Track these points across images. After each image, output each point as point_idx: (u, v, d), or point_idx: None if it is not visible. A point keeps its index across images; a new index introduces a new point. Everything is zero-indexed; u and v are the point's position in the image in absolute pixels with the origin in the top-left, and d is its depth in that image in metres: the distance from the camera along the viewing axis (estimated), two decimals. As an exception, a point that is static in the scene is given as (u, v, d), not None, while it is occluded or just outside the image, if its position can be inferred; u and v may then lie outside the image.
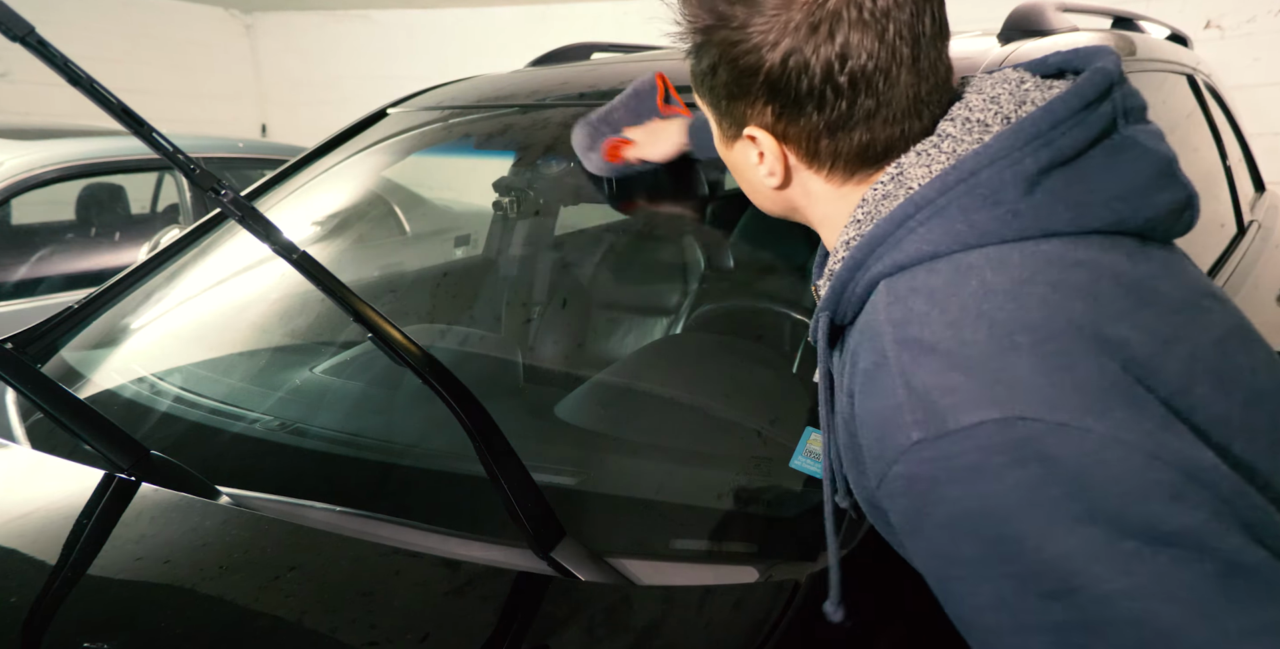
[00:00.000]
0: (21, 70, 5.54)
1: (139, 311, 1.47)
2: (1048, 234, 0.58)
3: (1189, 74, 2.09)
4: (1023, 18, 1.45)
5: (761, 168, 0.68)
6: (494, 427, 0.83)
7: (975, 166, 0.59)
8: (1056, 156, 0.58)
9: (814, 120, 0.62)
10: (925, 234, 0.59)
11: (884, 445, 0.55)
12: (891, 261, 0.60)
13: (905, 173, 0.62)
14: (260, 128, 7.78)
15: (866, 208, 0.64)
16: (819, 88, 0.60)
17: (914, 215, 0.59)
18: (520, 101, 1.59)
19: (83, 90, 0.74)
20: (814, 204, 0.69)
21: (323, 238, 1.67)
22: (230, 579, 0.85)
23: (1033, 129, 0.59)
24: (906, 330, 0.57)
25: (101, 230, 3.18)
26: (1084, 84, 0.60)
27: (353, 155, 1.66)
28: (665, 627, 0.79)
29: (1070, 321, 0.53)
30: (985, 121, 0.62)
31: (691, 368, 1.29)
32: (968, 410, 0.51)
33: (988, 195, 0.58)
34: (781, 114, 0.63)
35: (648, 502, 0.97)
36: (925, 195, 0.59)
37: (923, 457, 0.53)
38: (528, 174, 1.63)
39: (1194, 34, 2.57)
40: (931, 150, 0.62)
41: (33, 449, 1.13)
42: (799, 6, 0.59)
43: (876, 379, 0.57)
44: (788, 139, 0.65)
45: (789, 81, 0.61)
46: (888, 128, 0.62)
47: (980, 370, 0.53)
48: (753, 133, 0.66)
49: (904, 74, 0.61)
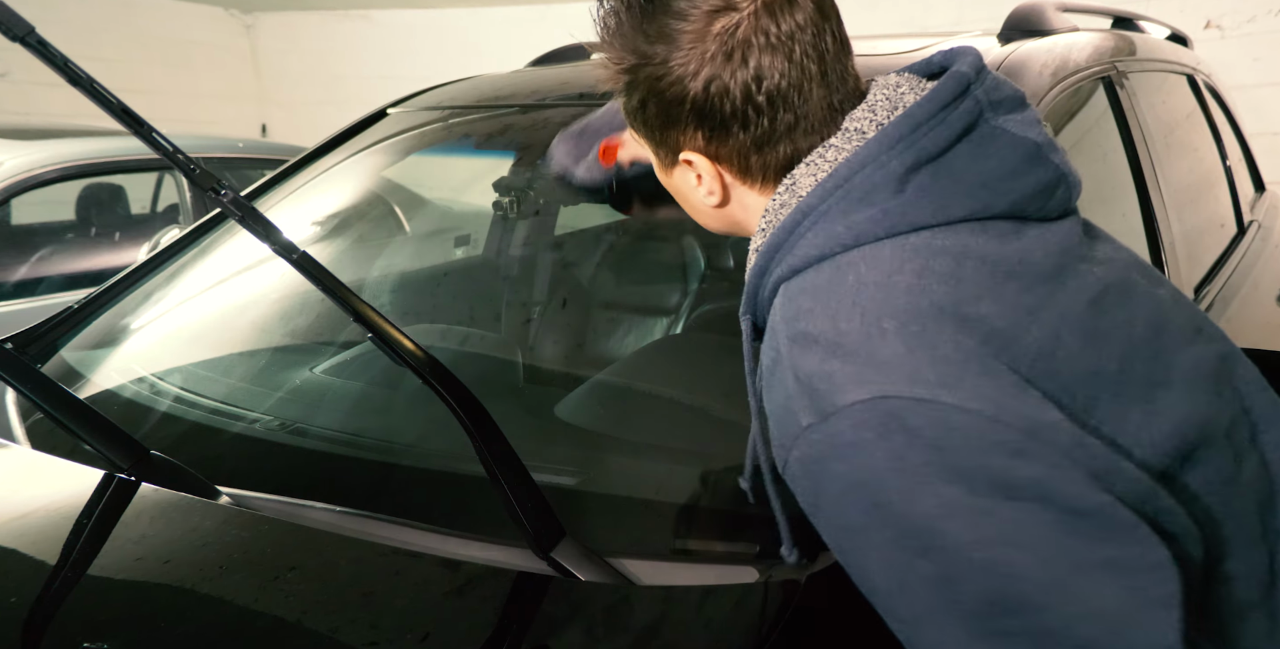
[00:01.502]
0: (21, 70, 5.54)
1: (139, 311, 1.47)
2: (916, 228, 0.63)
3: (1189, 74, 2.09)
4: (1023, 18, 1.45)
5: (701, 189, 0.73)
6: (494, 427, 0.83)
7: (849, 172, 0.64)
8: (921, 156, 0.64)
9: (741, 138, 0.67)
10: (812, 238, 0.65)
11: (782, 433, 0.61)
12: (787, 266, 0.66)
13: (798, 183, 0.68)
14: (260, 128, 7.78)
15: (768, 217, 0.69)
16: (741, 108, 0.65)
17: (802, 221, 0.65)
18: (520, 101, 1.59)
19: (83, 90, 0.74)
20: (751, 216, 0.73)
21: (323, 238, 1.68)
22: (230, 579, 0.85)
23: (895, 133, 0.64)
24: (795, 326, 0.62)
25: (101, 230, 3.18)
26: (940, 88, 0.66)
27: (353, 155, 1.66)
28: (665, 627, 0.79)
29: (932, 304, 0.59)
30: (862, 130, 0.67)
31: (691, 368, 1.29)
32: (843, 392, 0.57)
33: (861, 197, 0.64)
34: (711, 137, 0.68)
35: (648, 502, 0.97)
36: (809, 202, 0.65)
37: (811, 439, 0.58)
38: (528, 174, 1.63)
39: (1194, 34, 2.57)
40: (818, 160, 0.67)
41: (33, 449, 1.13)
42: (712, 38, 0.64)
43: (774, 373, 0.63)
44: (720, 159, 0.70)
45: (713, 106, 0.66)
46: (809, 138, 0.67)
47: (853, 356, 0.58)
48: (688, 157, 0.71)
49: (815, 88, 0.66)
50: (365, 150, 1.65)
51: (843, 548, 0.60)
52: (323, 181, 1.65)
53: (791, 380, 0.60)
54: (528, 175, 1.63)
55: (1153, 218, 1.50)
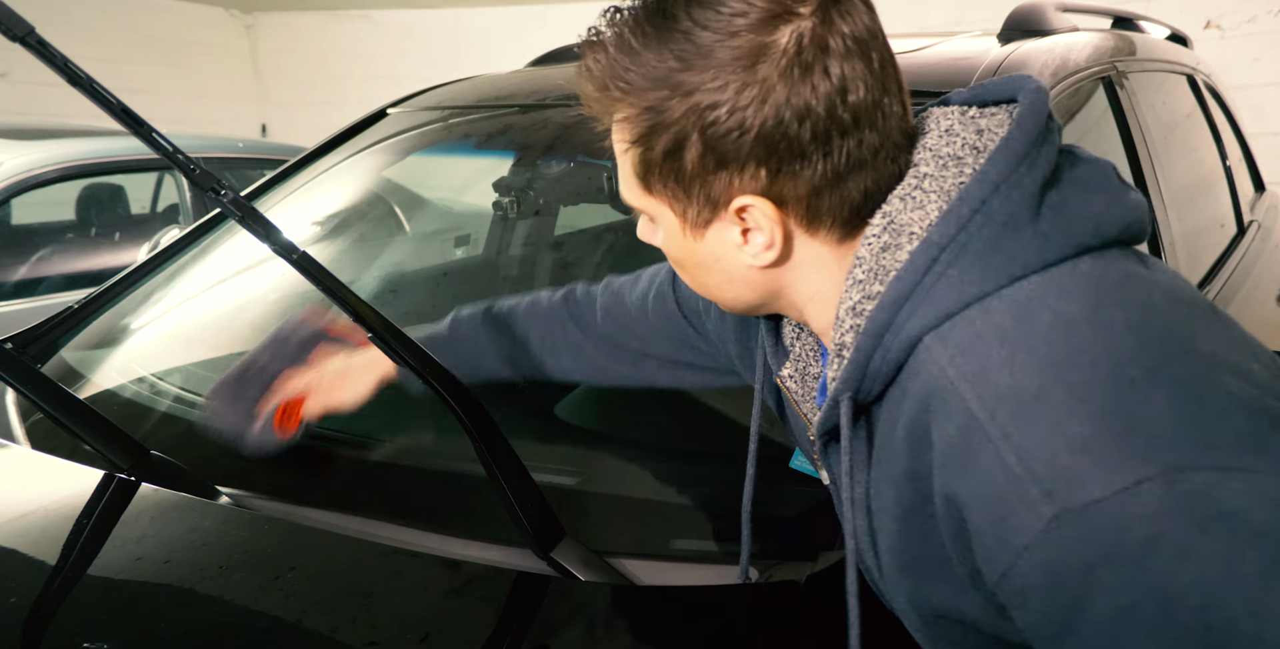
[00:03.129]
0: (21, 70, 5.54)
1: (139, 312, 1.47)
2: (1079, 251, 0.53)
3: (1189, 74, 2.09)
4: (1023, 18, 1.45)
5: (748, 247, 0.59)
6: (494, 427, 0.83)
7: (983, 195, 0.54)
8: (1046, 172, 0.55)
9: (820, 170, 0.55)
10: (961, 275, 0.53)
11: (1004, 530, 0.46)
12: (932, 312, 0.53)
13: (896, 220, 0.56)
14: (260, 128, 7.78)
15: (866, 266, 0.57)
16: (825, 130, 0.54)
17: (939, 257, 0.53)
18: (520, 101, 1.59)
19: (83, 90, 0.73)
20: (807, 277, 0.61)
21: (323, 238, 1.68)
22: (230, 579, 0.85)
23: (1020, 148, 0.55)
24: (989, 384, 0.49)
25: (101, 230, 3.18)
26: (1036, 104, 0.57)
27: (353, 155, 1.66)
28: (665, 627, 0.79)
29: (1166, 343, 0.48)
30: (956, 154, 0.57)
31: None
32: (1112, 470, 0.43)
33: (1006, 222, 0.53)
34: (779, 172, 0.55)
35: (648, 502, 0.97)
36: (944, 233, 0.54)
37: (1064, 536, 0.43)
38: (528, 174, 1.63)
39: (1194, 34, 2.57)
40: (915, 193, 0.57)
41: (33, 449, 1.13)
42: (779, 50, 0.52)
43: (970, 449, 0.48)
44: (784, 201, 0.57)
45: (788, 132, 0.54)
46: (888, 166, 0.57)
47: (1105, 416, 0.45)
48: (744, 202, 0.57)
49: (895, 103, 0.56)
50: (365, 150, 1.65)
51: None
52: (323, 181, 1.65)
53: (1012, 455, 0.46)
54: (528, 175, 1.63)
55: (1153, 218, 1.50)
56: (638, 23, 0.56)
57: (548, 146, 1.51)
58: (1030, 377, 0.47)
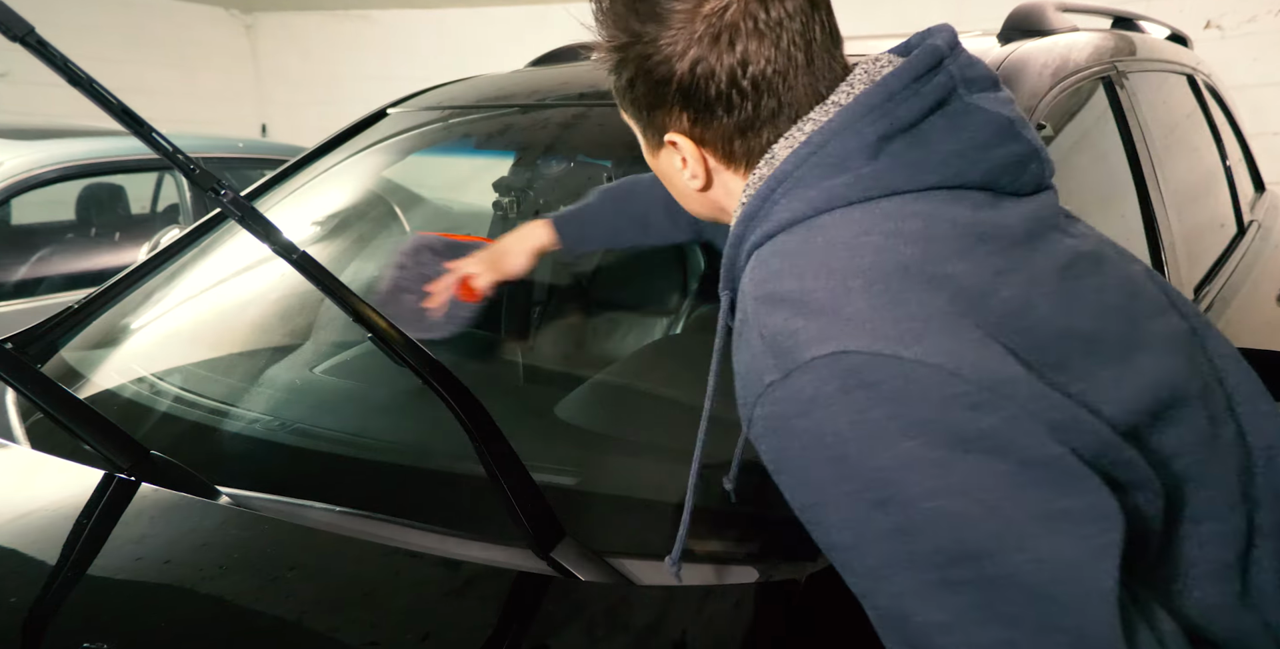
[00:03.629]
0: (21, 70, 5.55)
1: (139, 312, 1.47)
2: (889, 193, 0.64)
3: (1189, 74, 2.09)
4: (1023, 18, 1.45)
5: (685, 172, 0.73)
6: (494, 427, 0.83)
7: (823, 139, 0.65)
8: (895, 125, 0.64)
9: (725, 122, 0.68)
10: (786, 204, 0.65)
11: (747, 392, 0.61)
12: (762, 232, 0.66)
13: (776, 155, 0.68)
14: (260, 128, 7.78)
15: (749, 191, 0.69)
16: (725, 92, 0.66)
17: (776, 189, 0.66)
18: (520, 101, 1.59)
19: (83, 90, 0.74)
20: (733, 201, 0.74)
21: (323, 238, 1.68)
22: (230, 579, 0.85)
23: (869, 102, 0.65)
24: (763, 287, 0.63)
25: (101, 230, 3.18)
26: (913, 59, 0.67)
27: (353, 155, 1.66)
28: (665, 627, 0.79)
29: (899, 264, 0.60)
30: (838, 102, 0.67)
31: (691, 368, 1.29)
32: (806, 348, 0.57)
33: (835, 163, 0.64)
34: (696, 119, 0.69)
35: (648, 502, 0.97)
36: (784, 169, 0.66)
37: (775, 396, 0.58)
38: (528, 174, 1.63)
39: (1194, 34, 2.57)
40: (795, 133, 0.68)
41: (33, 449, 1.13)
42: (701, 19, 0.65)
43: (741, 334, 0.64)
44: (705, 142, 0.70)
45: (698, 88, 0.66)
46: (791, 124, 0.68)
47: (819, 313, 0.59)
48: (673, 138, 0.71)
49: (800, 76, 0.67)
50: (365, 150, 1.66)
51: (804, 505, 0.60)
52: (323, 181, 1.65)
53: (757, 339, 0.61)
54: (528, 175, 1.63)
55: (1153, 218, 1.50)
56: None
57: (548, 146, 1.51)
58: (786, 283, 0.61)
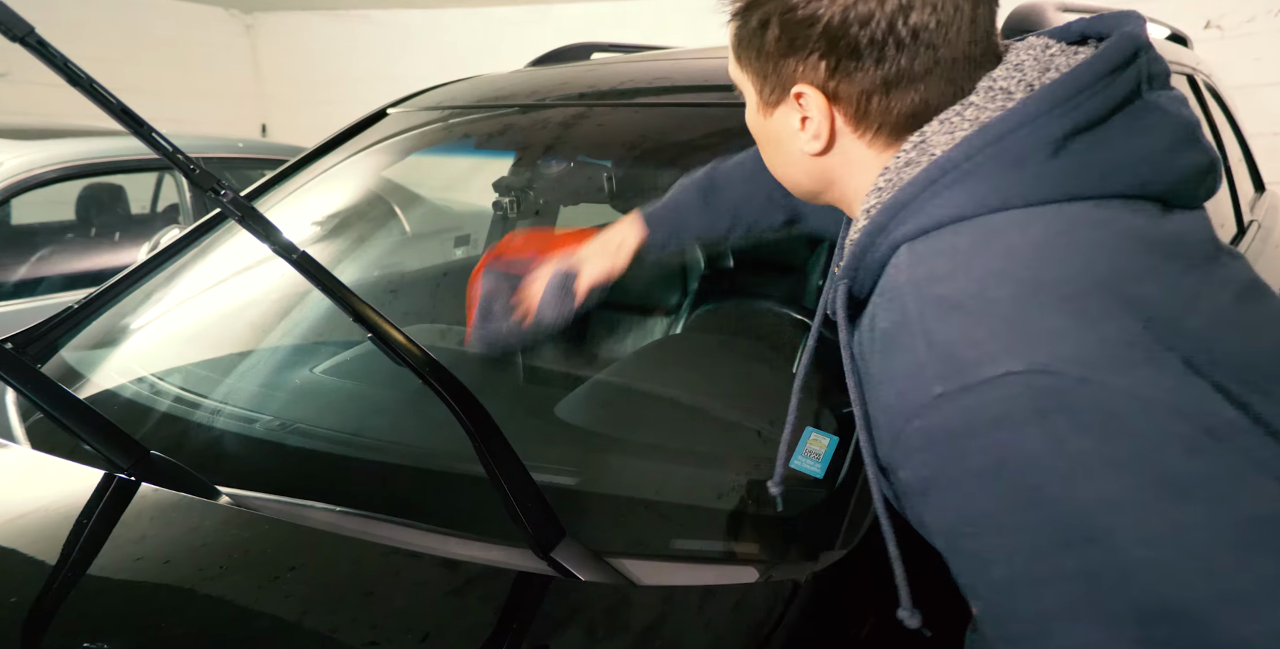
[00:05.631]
0: (21, 70, 5.55)
1: (139, 311, 1.47)
2: (1071, 197, 0.58)
3: (1189, 74, 2.09)
4: (1023, 18, 1.45)
5: (804, 133, 0.66)
6: (494, 427, 0.83)
7: (1001, 131, 0.58)
8: (1081, 122, 0.58)
9: (871, 75, 0.61)
10: (950, 197, 0.59)
11: (903, 401, 0.55)
12: (915, 225, 0.60)
13: (928, 140, 0.62)
14: (260, 128, 7.78)
15: (889, 176, 0.63)
16: (881, 40, 0.59)
17: (939, 179, 0.59)
18: (520, 101, 1.59)
19: (83, 90, 0.74)
20: (852, 174, 0.67)
21: (323, 238, 1.68)
22: (230, 579, 0.85)
23: (1058, 94, 0.58)
24: (930, 289, 0.57)
25: (101, 230, 3.18)
26: (1110, 50, 0.60)
27: (353, 155, 1.66)
28: (665, 627, 0.79)
29: (1094, 280, 0.54)
30: (1008, 89, 0.61)
31: (691, 368, 1.29)
32: (991, 362, 0.51)
33: (1013, 160, 0.58)
34: (836, 68, 0.61)
35: (648, 502, 0.97)
36: (951, 159, 0.59)
37: (945, 410, 0.53)
38: (528, 174, 1.63)
39: (1194, 34, 2.57)
40: (954, 118, 0.61)
41: (33, 449, 1.13)
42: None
43: (897, 338, 0.57)
44: (838, 98, 0.63)
45: (849, 32, 0.59)
46: (941, 87, 0.61)
47: (1004, 325, 0.53)
48: (802, 89, 0.64)
49: (964, 31, 0.60)
50: (365, 150, 1.65)
51: (958, 531, 0.55)
52: (323, 181, 1.65)
53: (923, 346, 0.55)
54: (528, 175, 1.63)
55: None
56: None
57: (548, 146, 1.51)
58: (961, 289, 0.55)
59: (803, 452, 0.93)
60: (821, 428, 0.96)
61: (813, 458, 0.93)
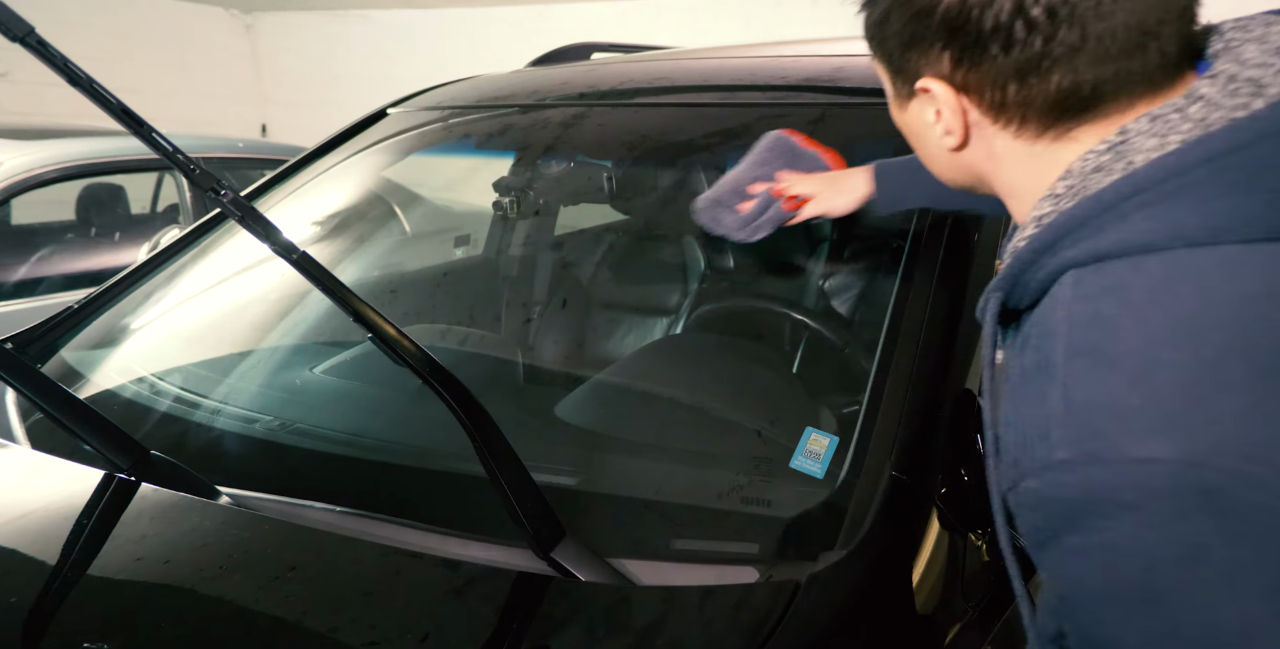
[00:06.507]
0: (21, 70, 5.55)
1: (139, 312, 1.47)
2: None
3: (1189, 74, 2.09)
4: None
5: (938, 126, 0.60)
6: (494, 427, 0.83)
7: (1234, 143, 0.47)
8: None
9: (1000, 63, 0.53)
10: (1139, 222, 0.49)
11: (1023, 454, 0.49)
12: (1089, 249, 0.51)
13: (1130, 142, 0.52)
14: (260, 128, 7.79)
15: (1070, 181, 0.54)
16: (1006, 22, 0.51)
17: (1131, 198, 0.49)
18: (520, 101, 1.59)
19: (83, 90, 0.74)
20: (1000, 168, 0.60)
21: (323, 238, 1.68)
22: (230, 579, 0.85)
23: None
24: (1086, 335, 0.48)
25: (101, 230, 3.18)
26: None
27: (353, 155, 1.66)
28: (665, 627, 0.79)
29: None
30: (1260, 80, 0.49)
31: (691, 368, 1.29)
32: (1137, 441, 0.44)
33: (1243, 181, 0.47)
34: (961, 59, 0.55)
35: (648, 502, 0.97)
36: (1151, 174, 0.49)
37: (1062, 480, 0.46)
38: (528, 174, 1.63)
39: (1194, 34, 2.57)
40: (1173, 116, 0.51)
41: (33, 449, 1.13)
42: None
43: (1034, 382, 0.50)
44: (968, 89, 0.56)
45: (969, 18, 0.53)
46: (1097, 67, 0.51)
47: (1169, 399, 0.44)
48: (926, 84, 0.58)
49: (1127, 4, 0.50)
50: (365, 150, 1.66)
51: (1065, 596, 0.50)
52: (323, 181, 1.65)
53: (1059, 400, 0.47)
54: (528, 175, 1.63)
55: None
56: None
57: (548, 146, 1.51)
58: (1122, 343, 0.47)
59: (802, 452, 0.93)
60: (821, 428, 0.97)
61: (813, 458, 0.93)
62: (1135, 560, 0.44)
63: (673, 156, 1.46)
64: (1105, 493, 0.45)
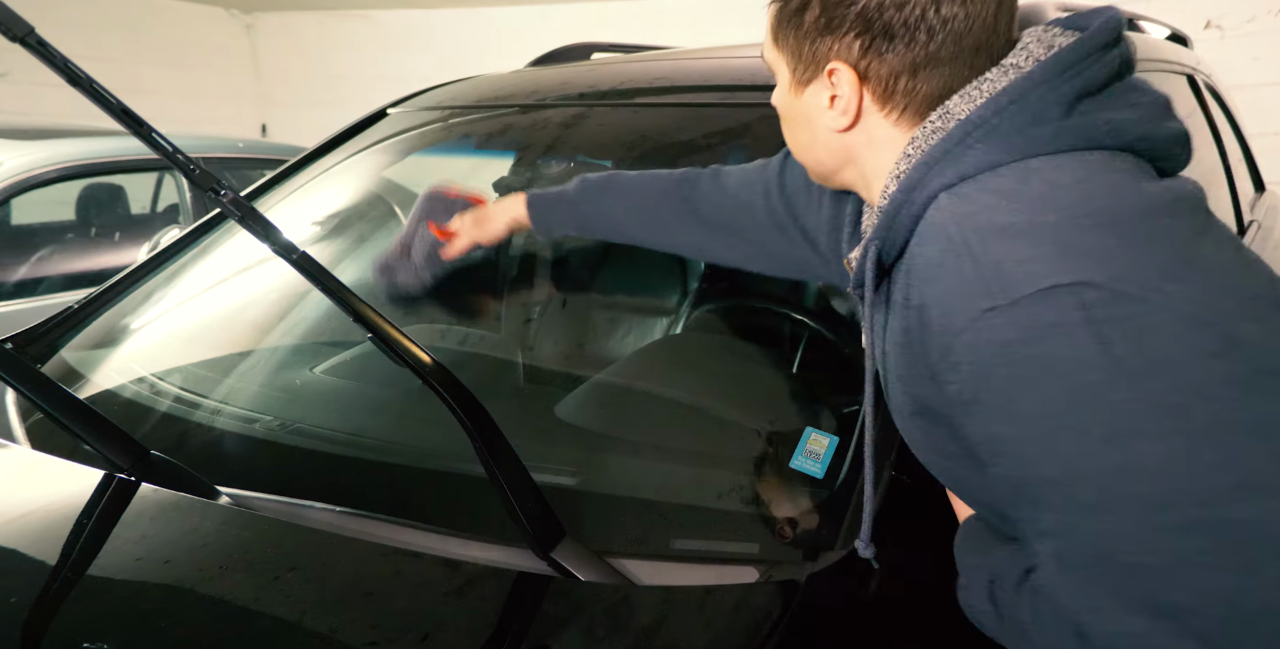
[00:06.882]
0: (21, 70, 5.55)
1: (139, 311, 1.47)
2: (1091, 146, 0.63)
3: (1189, 74, 2.09)
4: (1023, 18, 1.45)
5: (832, 110, 0.71)
6: (494, 427, 0.83)
7: (1023, 90, 0.64)
8: (1089, 84, 0.65)
9: (902, 56, 0.66)
10: (984, 149, 0.64)
11: (949, 319, 0.60)
12: (955, 173, 0.64)
13: (951, 110, 0.67)
14: (260, 128, 7.79)
15: (917, 144, 0.67)
16: (914, 24, 0.65)
17: (971, 133, 0.64)
18: (520, 101, 1.59)
19: (83, 90, 0.74)
20: (874, 152, 0.72)
21: (323, 238, 1.68)
22: (230, 579, 0.85)
23: (1068, 58, 0.65)
24: (975, 219, 0.61)
25: (101, 230, 3.18)
26: (1101, 27, 0.67)
27: (353, 155, 1.66)
28: (665, 627, 0.79)
29: (1130, 210, 0.59)
30: (1018, 64, 0.67)
31: (691, 368, 1.29)
32: (1040, 278, 0.56)
33: (1034, 116, 0.63)
34: (869, 48, 0.67)
35: (648, 502, 0.97)
36: (981, 116, 0.64)
37: (993, 323, 0.57)
38: (528, 174, 1.63)
39: (1194, 34, 2.57)
40: (973, 91, 0.67)
41: (33, 449, 1.13)
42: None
43: (942, 264, 0.61)
44: (868, 77, 0.68)
45: (885, 14, 0.65)
46: (963, 72, 0.67)
47: (1051, 243, 0.57)
48: (835, 66, 0.69)
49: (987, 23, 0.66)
50: (365, 150, 1.66)
51: (1004, 435, 0.59)
52: (323, 181, 1.65)
53: (970, 266, 0.59)
54: (528, 175, 1.63)
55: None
56: None
57: (548, 146, 1.51)
58: (1008, 216, 0.60)
59: (803, 452, 0.93)
60: (821, 428, 0.97)
61: (813, 458, 0.93)
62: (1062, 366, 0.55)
63: (673, 156, 1.46)
64: (1028, 320, 0.56)
